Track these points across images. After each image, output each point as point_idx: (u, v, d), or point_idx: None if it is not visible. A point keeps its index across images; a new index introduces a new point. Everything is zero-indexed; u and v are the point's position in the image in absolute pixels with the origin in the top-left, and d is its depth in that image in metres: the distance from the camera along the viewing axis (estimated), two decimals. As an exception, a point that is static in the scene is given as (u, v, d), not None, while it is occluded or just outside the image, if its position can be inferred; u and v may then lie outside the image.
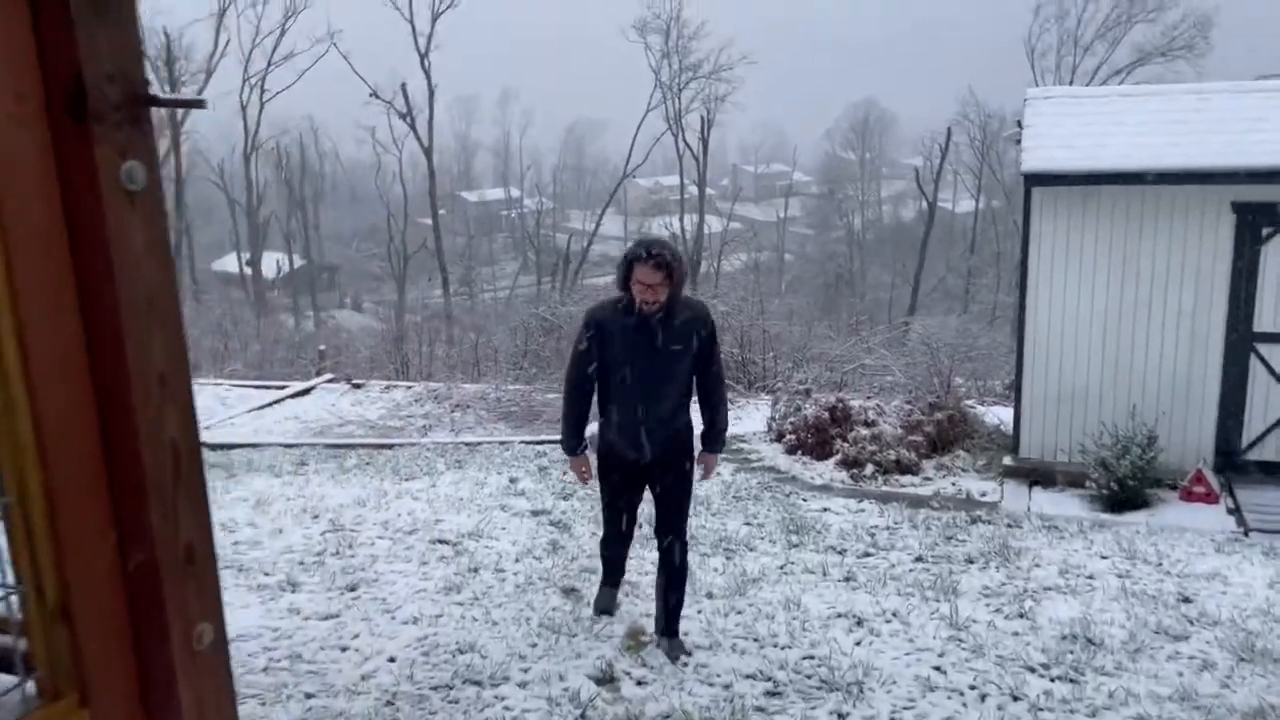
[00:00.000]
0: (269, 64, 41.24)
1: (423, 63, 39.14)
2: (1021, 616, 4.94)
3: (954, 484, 8.73)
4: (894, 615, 4.88)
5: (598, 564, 5.77)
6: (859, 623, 4.78)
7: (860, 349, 16.92)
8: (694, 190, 45.82)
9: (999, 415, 10.62)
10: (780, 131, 75.48)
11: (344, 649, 4.31)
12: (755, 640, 4.52)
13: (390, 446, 10.35)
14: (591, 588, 5.29)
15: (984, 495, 8.37)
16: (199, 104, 1.31)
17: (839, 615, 4.88)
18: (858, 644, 4.52)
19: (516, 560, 5.81)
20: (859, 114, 68.74)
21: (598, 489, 4.71)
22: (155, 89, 1.19)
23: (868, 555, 6.28)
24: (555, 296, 19.75)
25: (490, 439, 11.08)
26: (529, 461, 9.26)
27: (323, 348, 21.86)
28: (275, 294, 50.77)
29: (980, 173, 50.55)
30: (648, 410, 4.30)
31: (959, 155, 50.49)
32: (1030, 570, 5.85)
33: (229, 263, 50.47)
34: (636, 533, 6.24)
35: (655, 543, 4.61)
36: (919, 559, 6.15)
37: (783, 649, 4.46)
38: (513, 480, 8.31)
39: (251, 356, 21.62)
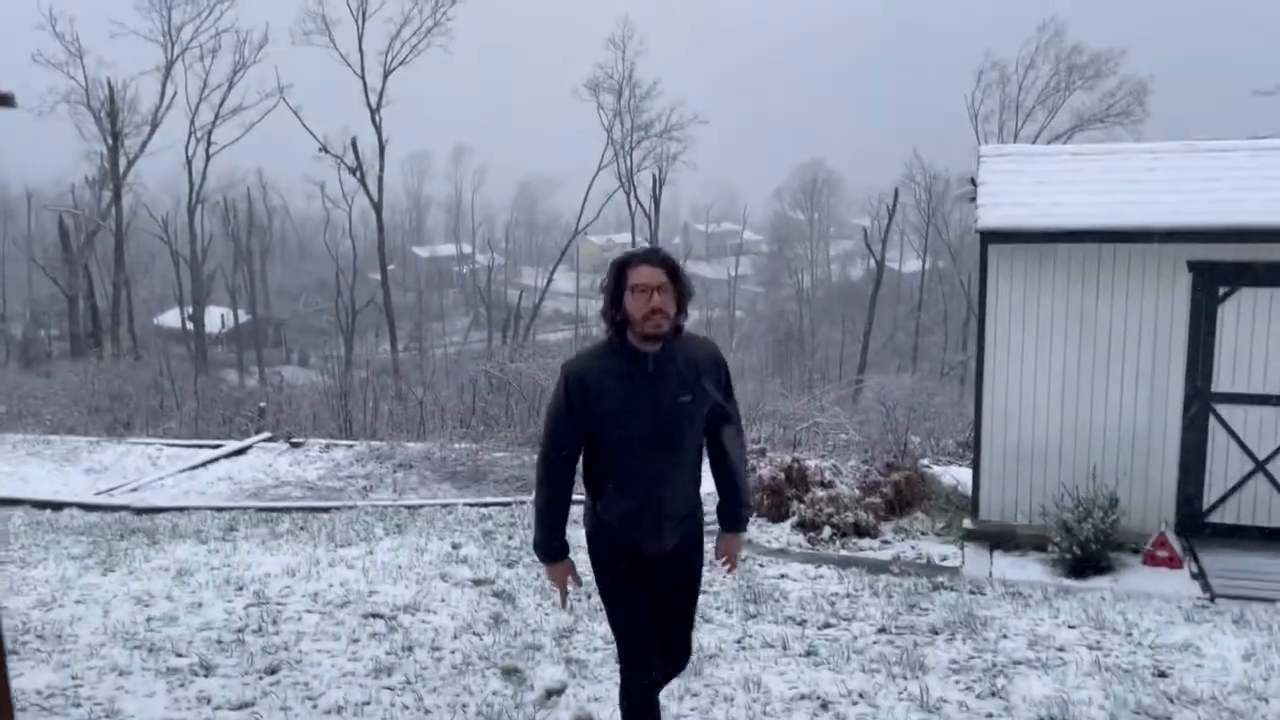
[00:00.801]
0: (216, 117, 40.80)
1: (373, 118, 38.99)
2: (994, 695, 4.64)
3: (913, 548, 8.47)
4: (860, 696, 4.54)
5: (543, 640, 5.39)
6: (824, 705, 4.44)
7: (813, 407, 16.76)
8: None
9: (956, 475, 10.42)
10: (731, 191, 76.55)
11: (255, 746, 3.86)
12: (713, 728, 4.16)
13: (327, 510, 9.86)
14: (536, 666, 4.89)
15: (945, 560, 8.11)
16: (4, 101, 0.99)
17: (802, 697, 4.53)
18: (823, 731, 4.18)
19: (455, 636, 5.40)
20: (807, 175, 69.95)
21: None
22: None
23: (829, 626, 5.96)
24: (504, 353, 19.40)
25: (433, 501, 10.63)
26: (473, 525, 8.84)
27: (263, 404, 21.19)
28: (220, 350, 49.81)
29: (926, 233, 51.44)
30: (659, 485, 3.35)
31: (905, 216, 51.42)
32: (998, 642, 5.57)
33: (172, 318, 49.42)
34: (586, 602, 5.81)
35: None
36: (882, 630, 5.84)
37: (743, 738, 4.09)
38: (455, 546, 7.90)
39: (188, 414, 20.87)
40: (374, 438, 16.35)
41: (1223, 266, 7.66)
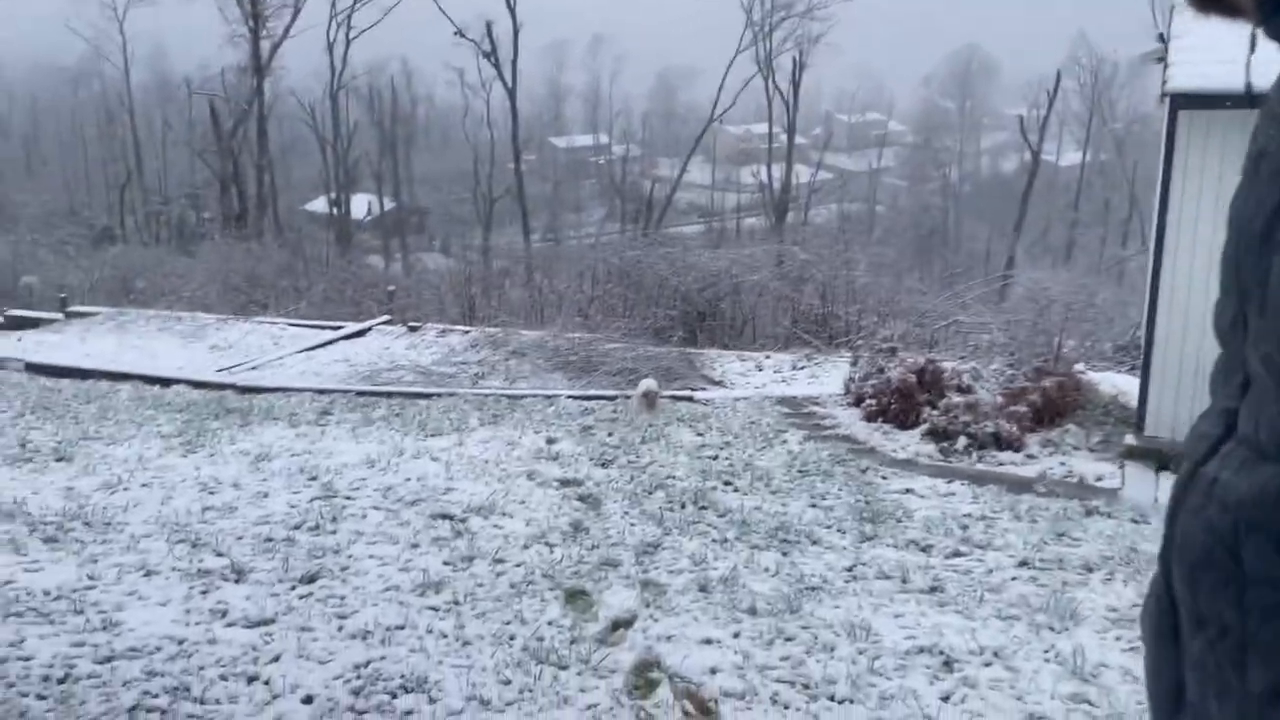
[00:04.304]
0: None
1: (508, 1, 37.94)
2: (1165, 659, 3.72)
3: (1063, 464, 7.46)
4: (995, 655, 3.69)
5: (622, 555, 4.73)
6: (947, 664, 3.62)
7: (954, 304, 15.43)
8: (784, 138, 43.91)
9: (1116, 383, 9.21)
10: (877, 79, 72.53)
11: (253, 679, 3.31)
12: (805, 688, 3.39)
13: (427, 396, 9.45)
14: (607, 589, 4.23)
15: (1100, 480, 7.08)
16: None
17: (921, 650, 3.72)
18: (945, 700, 3.36)
19: (525, 546, 4.79)
20: (960, 61, 65.60)
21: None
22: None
23: (958, 555, 5.10)
24: (622, 241, 18.65)
25: (536, 391, 10.10)
26: (573, 420, 8.25)
27: (392, 288, 21.20)
28: (366, 237, 50.74)
29: (1090, 122, 47.46)
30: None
31: (1067, 104, 47.43)
32: (1168, 587, 4.60)
33: (320, 204, 50.41)
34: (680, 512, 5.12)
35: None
36: (1023, 563, 4.95)
37: (841, 704, 3.31)
38: (550, 441, 7.33)
39: (315, 296, 21.08)
40: (493, 324, 16.01)
41: None
